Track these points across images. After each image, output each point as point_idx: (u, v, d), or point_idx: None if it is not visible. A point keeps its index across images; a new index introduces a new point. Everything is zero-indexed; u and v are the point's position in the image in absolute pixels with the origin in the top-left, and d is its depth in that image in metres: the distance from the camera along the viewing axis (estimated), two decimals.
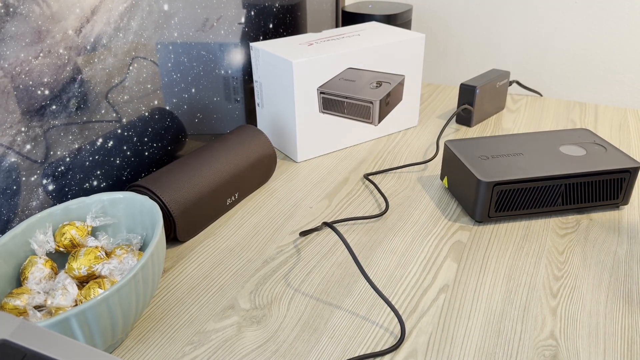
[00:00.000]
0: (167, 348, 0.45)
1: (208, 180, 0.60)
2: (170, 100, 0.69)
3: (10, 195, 0.50)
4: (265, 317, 0.48)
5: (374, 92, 0.79)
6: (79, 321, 0.38)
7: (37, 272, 0.45)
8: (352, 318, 0.48)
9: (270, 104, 0.79)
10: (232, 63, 0.79)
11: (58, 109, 0.53)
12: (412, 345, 0.45)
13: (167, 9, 0.65)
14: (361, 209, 0.65)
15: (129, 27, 0.60)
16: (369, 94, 0.79)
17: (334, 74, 0.74)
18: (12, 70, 0.48)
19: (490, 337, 0.45)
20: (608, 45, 1.06)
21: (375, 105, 0.80)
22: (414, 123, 0.89)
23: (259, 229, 0.62)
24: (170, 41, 0.66)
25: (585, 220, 0.61)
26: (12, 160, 0.50)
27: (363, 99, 0.79)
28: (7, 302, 0.42)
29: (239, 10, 0.78)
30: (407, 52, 0.81)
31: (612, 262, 0.54)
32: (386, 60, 0.79)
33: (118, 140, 0.62)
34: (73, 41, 0.53)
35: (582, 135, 0.67)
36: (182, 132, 0.72)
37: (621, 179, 0.60)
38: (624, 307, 0.48)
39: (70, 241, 0.48)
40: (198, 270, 0.55)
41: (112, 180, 0.62)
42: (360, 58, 0.76)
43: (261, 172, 0.69)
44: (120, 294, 0.40)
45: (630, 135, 0.84)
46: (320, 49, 0.74)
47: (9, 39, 0.47)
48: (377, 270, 0.54)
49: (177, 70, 0.69)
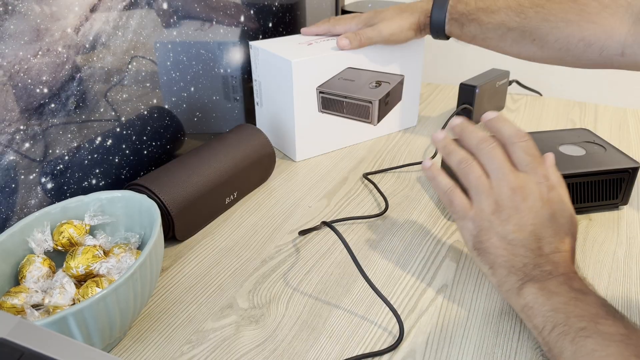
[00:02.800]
0: (165, 347, 0.45)
1: (207, 179, 0.60)
2: (169, 99, 0.69)
3: (9, 193, 0.50)
4: (263, 317, 0.48)
5: (373, 91, 0.79)
6: (77, 320, 0.38)
7: (35, 270, 0.45)
8: (350, 317, 0.48)
9: (269, 103, 0.78)
10: (232, 62, 0.79)
11: (57, 107, 0.53)
12: (410, 345, 0.45)
13: (167, 7, 0.64)
14: (360, 208, 0.65)
15: (128, 25, 0.60)
16: (369, 94, 0.79)
17: (333, 73, 0.74)
18: (11, 68, 0.48)
19: (489, 337, 0.45)
20: None
21: (374, 104, 0.80)
22: (413, 123, 0.89)
23: (257, 228, 0.62)
24: (169, 40, 0.66)
25: (585, 220, 0.61)
26: (11, 158, 0.50)
27: (362, 99, 0.79)
28: (4, 301, 0.42)
29: (238, 9, 0.78)
30: (407, 51, 0.81)
31: (611, 262, 0.54)
32: (386, 60, 0.79)
33: (117, 138, 0.61)
34: (72, 40, 0.53)
35: (581, 135, 0.67)
36: (181, 130, 0.72)
37: (620, 179, 0.60)
38: (623, 308, 0.48)
39: (68, 240, 0.48)
40: (196, 269, 0.55)
41: (110, 179, 0.62)
42: (360, 58, 0.76)
43: (260, 172, 0.69)
44: (118, 292, 0.40)
45: (629, 136, 0.84)
46: (320, 49, 0.74)
47: (8, 37, 0.47)
48: (376, 269, 0.54)
49: (176, 69, 0.68)
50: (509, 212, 0.45)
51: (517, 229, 0.45)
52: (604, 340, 0.36)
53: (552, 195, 0.46)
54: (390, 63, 0.80)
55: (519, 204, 0.45)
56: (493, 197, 0.46)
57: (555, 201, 0.46)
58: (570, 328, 0.38)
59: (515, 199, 0.45)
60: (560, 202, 0.47)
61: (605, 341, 0.36)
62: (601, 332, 0.36)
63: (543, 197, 0.46)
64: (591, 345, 0.36)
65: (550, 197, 0.46)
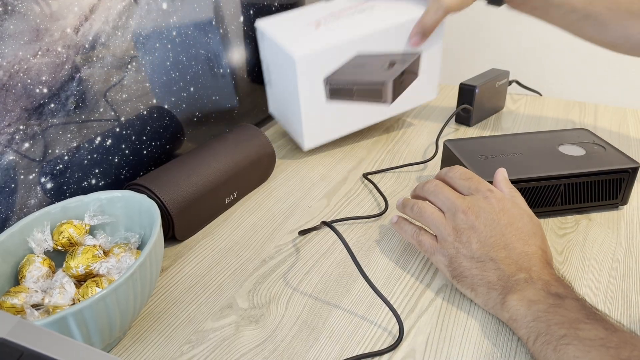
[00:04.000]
0: (165, 347, 0.45)
1: (207, 179, 0.60)
2: (169, 99, 0.69)
3: (8, 193, 0.50)
4: (263, 317, 0.48)
5: (386, 73, 0.73)
6: (77, 320, 0.38)
7: (34, 270, 0.45)
8: (350, 317, 0.48)
9: (277, 85, 0.75)
10: (231, 62, 0.79)
11: (56, 107, 0.53)
12: (410, 345, 0.45)
13: (166, 7, 0.64)
14: (360, 208, 0.65)
15: (128, 25, 0.60)
16: (381, 76, 0.73)
17: (341, 61, 0.69)
18: (11, 68, 0.48)
19: (489, 337, 0.45)
20: None
21: (388, 85, 0.74)
22: (432, 96, 0.81)
23: (257, 228, 0.62)
24: (169, 40, 0.66)
25: (584, 221, 0.61)
26: (11, 158, 0.50)
27: (374, 82, 0.73)
28: (4, 301, 0.42)
29: (238, 9, 0.78)
30: None
31: (611, 262, 0.54)
32: (401, 40, 0.72)
33: (116, 138, 0.61)
34: (71, 40, 0.53)
35: (581, 135, 0.67)
36: (180, 130, 0.72)
37: (620, 179, 0.60)
38: (623, 308, 0.48)
39: (68, 240, 0.48)
40: (196, 269, 0.55)
41: (110, 179, 0.62)
42: (371, 43, 0.70)
43: (260, 171, 0.69)
44: (118, 292, 0.40)
45: (629, 136, 0.83)
46: (328, 33, 0.69)
47: (8, 37, 0.47)
48: (376, 269, 0.54)
49: (176, 69, 0.68)
50: (468, 233, 0.48)
51: (480, 246, 0.47)
52: (584, 346, 0.37)
53: (504, 204, 0.49)
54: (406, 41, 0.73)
55: (473, 223, 0.48)
56: (450, 225, 0.49)
57: (507, 208, 0.48)
58: (552, 337, 0.39)
59: (469, 219, 0.48)
60: (514, 207, 0.49)
61: (585, 347, 0.36)
62: (581, 338, 0.37)
63: (494, 209, 0.48)
64: (572, 352, 0.37)
65: (502, 207, 0.48)
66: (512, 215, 0.48)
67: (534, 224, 0.48)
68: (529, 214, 0.49)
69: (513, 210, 0.49)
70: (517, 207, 0.49)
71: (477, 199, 0.49)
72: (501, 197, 0.49)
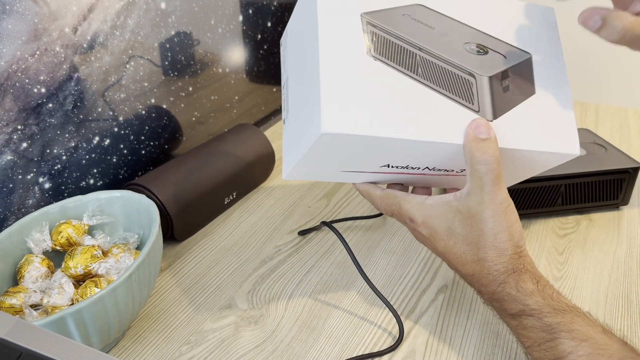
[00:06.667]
0: (163, 348, 0.45)
1: (206, 179, 0.60)
2: (167, 99, 0.68)
3: (7, 193, 0.50)
4: (262, 317, 0.48)
5: (476, 58, 0.42)
6: (75, 320, 0.37)
7: (33, 270, 0.45)
8: (350, 318, 0.48)
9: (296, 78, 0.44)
10: (230, 61, 0.78)
11: (54, 107, 0.53)
12: (410, 346, 0.45)
13: (164, 7, 0.64)
14: (360, 208, 0.65)
15: (126, 25, 0.59)
16: (469, 61, 0.42)
17: (390, 4, 0.41)
18: (9, 68, 0.48)
19: (489, 337, 0.45)
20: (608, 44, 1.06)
21: (482, 82, 0.41)
22: (573, 150, 0.44)
23: (257, 229, 0.61)
24: (167, 39, 0.66)
25: (585, 221, 0.61)
26: (9, 158, 0.50)
27: (458, 64, 0.41)
28: (3, 301, 0.42)
29: (237, 8, 0.77)
30: (530, 20, 0.45)
31: (612, 262, 0.54)
32: (491, 20, 0.44)
33: (115, 138, 0.61)
34: (70, 39, 0.53)
35: (582, 135, 0.67)
36: (179, 130, 0.72)
37: (621, 179, 0.60)
38: (623, 308, 0.48)
39: (67, 240, 0.48)
40: (195, 269, 0.55)
41: (109, 179, 0.61)
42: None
43: (259, 171, 0.69)
44: (117, 293, 0.40)
45: (630, 136, 0.83)
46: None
47: (6, 36, 0.47)
48: (376, 270, 0.54)
49: (174, 69, 0.68)
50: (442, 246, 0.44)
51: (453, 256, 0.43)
52: None
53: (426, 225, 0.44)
54: (495, 27, 0.43)
55: (426, 241, 0.45)
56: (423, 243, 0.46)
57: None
58: None
59: (422, 240, 0.45)
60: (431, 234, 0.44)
61: None
62: None
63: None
64: None
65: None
66: (453, 224, 0.42)
67: (473, 229, 0.41)
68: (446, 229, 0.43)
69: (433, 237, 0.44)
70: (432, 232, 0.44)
71: (410, 228, 0.46)
72: (421, 223, 0.44)
